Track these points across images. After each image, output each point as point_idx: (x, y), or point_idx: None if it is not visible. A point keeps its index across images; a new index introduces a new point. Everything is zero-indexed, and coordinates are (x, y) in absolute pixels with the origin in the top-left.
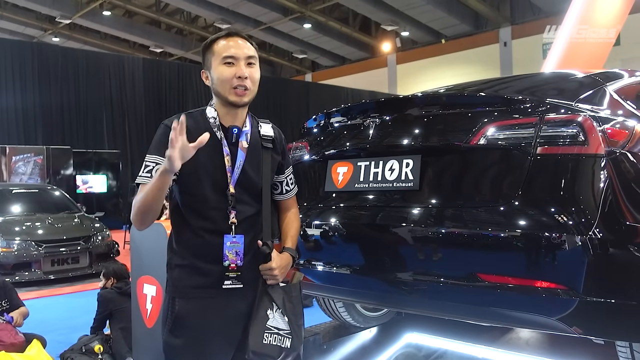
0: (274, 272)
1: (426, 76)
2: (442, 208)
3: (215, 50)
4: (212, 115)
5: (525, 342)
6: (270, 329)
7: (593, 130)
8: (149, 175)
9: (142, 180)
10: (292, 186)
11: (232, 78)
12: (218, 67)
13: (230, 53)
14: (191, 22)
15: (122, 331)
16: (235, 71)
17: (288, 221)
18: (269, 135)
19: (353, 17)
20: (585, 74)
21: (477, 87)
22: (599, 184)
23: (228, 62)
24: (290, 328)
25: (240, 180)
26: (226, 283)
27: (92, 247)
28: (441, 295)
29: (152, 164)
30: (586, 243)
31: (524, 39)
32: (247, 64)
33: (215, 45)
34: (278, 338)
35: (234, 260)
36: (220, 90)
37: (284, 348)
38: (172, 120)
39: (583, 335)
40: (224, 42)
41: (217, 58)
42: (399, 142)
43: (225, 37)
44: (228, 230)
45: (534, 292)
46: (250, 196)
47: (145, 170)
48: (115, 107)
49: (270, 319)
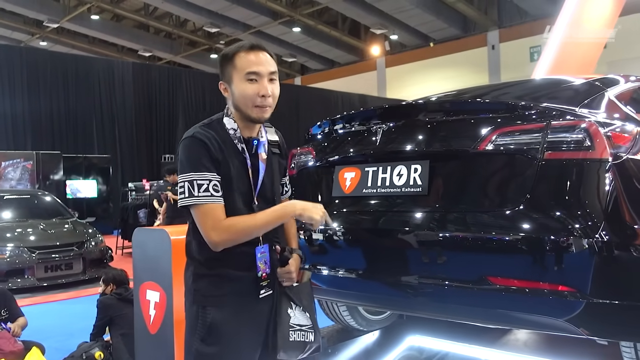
0: (292, 275)
1: (415, 79)
2: (451, 213)
3: (237, 65)
4: (232, 127)
5: (524, 343)
6: (294, 327)
7: (598, 135)
8: (207, 194)
9: (205, 201)
10: (289, 186)
11: (255, 96)
12: (240, 83)
13: (254, 69)
14: (180, 26)
15: (123, 337)
16: (258, 89)
17: (289, 222)
18: (275, 140)
19: (342, 20)
20: (584, 79)
21: (482, 93)
22: (605, 187)
23: (252, 79)
24: (311, 322)
25: (261, 192)
26: (262, 292)
27: (86, 253)
28: (452, 298)
29: (205, 181)
30: (593, 246)
31: (511, 42)
32: (269, 80)
33: (237, 58)
34: (302, 334)
35: (264, 269)
36: (241, 106)
37: (308, 342)
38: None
39: (590, 337)
40: (247, 57)
41: (239, 73)
42: (406, 148)
43: (248, 50)
44: (257, 241)
45: (542, 294)
46: (268, 205)
47: (202, 189)
48: (104, 111)
49: (292, 317)
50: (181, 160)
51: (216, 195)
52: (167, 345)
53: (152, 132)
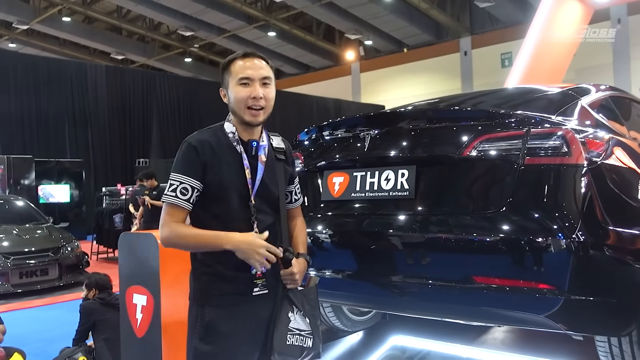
0: (295, 277)
1: (389, 84)
2: (437, 215)
3: (232, 71)
4: (231, 130)
5: (501, 342)
6: (292, 331)
7: (574, 141)
8: (173, 194)
9: (167, 199)
10: (299, 195)
11: (247, 98)
12: (234, 87)
13: (246, 74)
14: (153, 29)
15: (106, 342)
16: (250, 91)
17: (297, 228)
18: (281, 147)
19: (317, 25)
20: (559, 88)
21: (463, 100)
22: (581, 191)
23: (244, 83)
24: (311, 328)
25: (259, 192)
26: (255, 290)
27: (61, 258)
28: (439, 297)
29: (177, 183)
30: (570, 246)
31: (483, 48)
32: (262, 84)
33: (232, 65)
34: (300, 338)
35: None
36: (236, 109)
37: (306, 347)
38: (195, 139)
39: (568, 331)
40: (241, 63)
41: (234, 78)
42: (394, 154)
43: (242, 57)
44: None
45: (524, 292)
46: (269, 206)
47: (170, 189)
48: (77, 115)
49: (292, 321)
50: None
51: (180, 197)
52: (154, 349)
53: (126, 136)
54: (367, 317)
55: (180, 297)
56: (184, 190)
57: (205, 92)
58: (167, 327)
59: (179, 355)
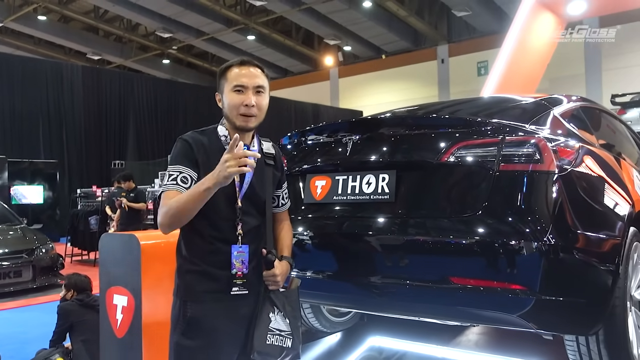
0: (277, 279)
1: (367, 90)
2: (416, 218)
3: (228, 77)
4: (224, 133)
5: (475, 343)
6: (272, 331)
7: (546, 149)
8: (174, 182)
9: (169, 187)
10: (286, 200)
11: (240, 105)
12: (229, 93)
13: (241, 82)
14: (131, 30)
15: (84, 343)
16: (243, 99)
17: (283, 232)
18: (271, 152)
19: (296, 30)
20: (532, 98)
21: (441, 108)
22: (552, 196)
23: (238, 90)
24: (291, 329)
25: (247, 195)
26: (234, 290)
27: (36, 260)
28: (416, 297)
29: (177, 173)
30: (541, 248)
31: (460, 56)
32: (255, 92)
33: (229, 72)
34: (280, 339)
35: (241, 268)
36: (229, 115)
37: (285, 348)
38: (189, 136)
39: (539, 330)
40: (237, 71)
41: (229, 85)
42: (375, 158)
43: (239, 65)
44: (235, 240)
45: (498, 292)
46: (255, 209)
47: (170, 178)
48: (52, 115)
49: (272, 321)
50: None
51: (181, 185)
52: (135, 349)
53: (102, 137)
54: (345, 319)
55: (161, 298)
56: (184, 178)
57: (183, 95)
58: (148, 327)
59: (159, 355)
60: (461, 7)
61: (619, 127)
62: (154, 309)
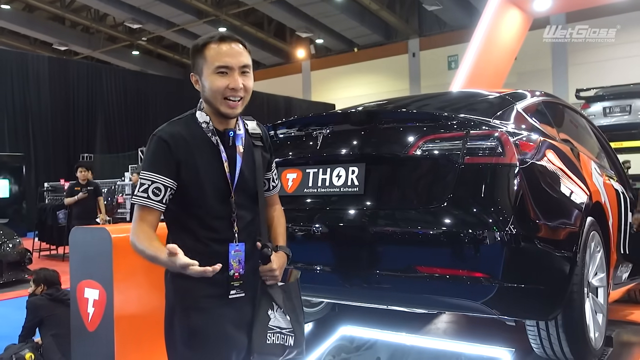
0: (274, 273)
1: (340, 83)
2: (385, 210)
3: (207, 57)
4: (205, 120)
5: (443, 331)
6: (272, 329)
7: (508, 143)
8: (145, 195)
9: (138, 200)
10: (277, 181)
11: (225, 89)
12: (210, 76)
13: (224, 62)
14: (99, 20)
15: (55, 338)
16: (228, 82)
17: (276, 219)
18: (257, 132)
19: (268, 22)
20: (497, 93)
21: (409, 102)
22: (513, 188)
23: (222, 72)
24: (292, 326)
25: (239, 185)
26: (232, 293)
27: (2, 255)
28: (384, 286)
29: (148, 182)
30: (503, 238)
31: (431, 50)
32: (241, 72)
33: (207, 50)
34: (281, 337)
35: (237, 269)
36: (211, 100)
37: (288, 346)
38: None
39: (502, 317)
40: (218, 48)
41: (209, 66)
42: (345, 152)
43: (218, 41)
44: (232, 239)
45: (463, 280)
46: (249, 199)
47: (141, 189)
48: (17, 107)
49: (271, 319)
50: (144, 158)
51: (153, 199)
52: (107, 342)
53: (70, 130)
54: (317, 309)
55: (133, 291)
56: (157, 190)
57: (153, 87)
58: (120, 320)
59: (131, 347)
60: (432, 2)
61: (580, 121)
62: (125, 302)
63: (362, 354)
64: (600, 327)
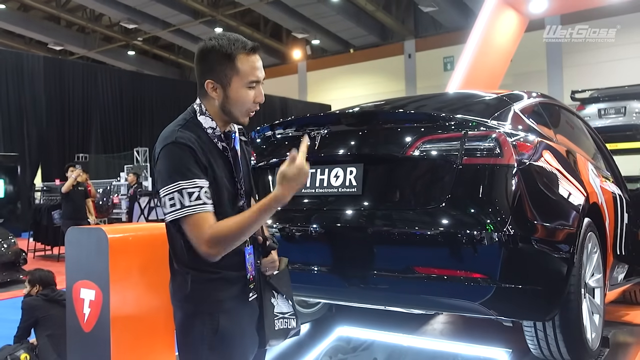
0: (276, 264)
1: (336, 84)
2: (383, 210)
3: (240, 69)
4: (211, 125)
5: (440, 332)
6: (277, 316)
7: (506, 144)
8: (200, 202)
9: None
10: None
11: (252, 102)
12: (241, 89)
13: (258, 77)
14: (95, 20)
15: (50, 338)
16: (256, 95)
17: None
18: (241, 129)
19: (264, 23)
20: (495, 94)
21: (407, 103)
22: (511, 189)
23: (252, 86)
24: (293, 309)
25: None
26: (250, 295)
27: None
28: (382, 287)
29: (196, 189)
30: (501, 238)
31: (426, 51)
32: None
33: (239, 61)
34: (285, 321)
35: (251, 271)
36: (232, 110)
37: (290, 328)
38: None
39: (499, 317)
40: (251, 62)
41: (242, 78)
42: (342, 152)
43: (250, 52)
44: (245, 242)
45: (460, 281)
46: (249, 199)
47: (192, 198)
48: (12, 107)
49: (275, 306)
50: (166, 169)
51: (209, 202)
52: (103, 343)
53: (65, 130)
54: (314, 310)
55: (129, 291)
56: (207, 193)
57: (149, 87)
58: (116, 321)
59: (128, 348)
60: (428, 3)
61: (576, 122)
62: (122, 303)
63: (359, 355)
64: (597, 327)
